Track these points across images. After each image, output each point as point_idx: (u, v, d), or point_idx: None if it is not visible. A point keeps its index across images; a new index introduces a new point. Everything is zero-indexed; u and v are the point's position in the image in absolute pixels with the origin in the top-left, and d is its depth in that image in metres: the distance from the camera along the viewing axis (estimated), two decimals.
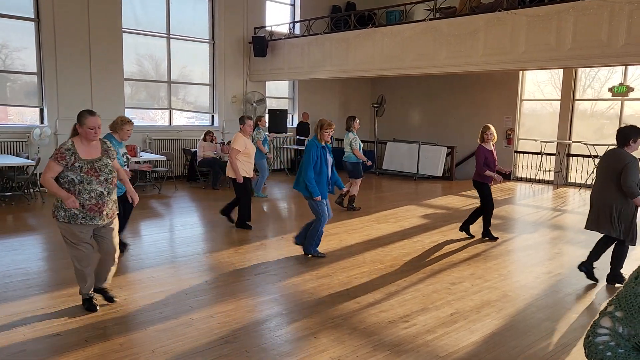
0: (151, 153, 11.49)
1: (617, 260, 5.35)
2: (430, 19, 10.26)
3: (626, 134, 5.06)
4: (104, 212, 4.16)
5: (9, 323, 4.04)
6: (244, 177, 7.25)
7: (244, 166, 7.31)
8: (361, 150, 9.32)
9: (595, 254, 5.44)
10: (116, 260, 4.47)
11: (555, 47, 8.51)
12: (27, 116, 11.19)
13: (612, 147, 5.35)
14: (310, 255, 6.12)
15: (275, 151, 14.47)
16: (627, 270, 5.46)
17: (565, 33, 8.35)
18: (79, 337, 3.83)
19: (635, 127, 5.14)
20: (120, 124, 5.62)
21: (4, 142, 10.23)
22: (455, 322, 4.30)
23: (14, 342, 3.74)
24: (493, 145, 7.20)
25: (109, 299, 4.53)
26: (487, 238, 7.21)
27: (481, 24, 9.35)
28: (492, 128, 7.16)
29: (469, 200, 10.45)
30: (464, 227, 7.32)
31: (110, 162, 4.22)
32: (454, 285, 5.26)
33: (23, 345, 3.69)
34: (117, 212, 4.41)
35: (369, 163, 9.24)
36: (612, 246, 5.39)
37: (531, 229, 8.05)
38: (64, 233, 4.18)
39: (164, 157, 10.98)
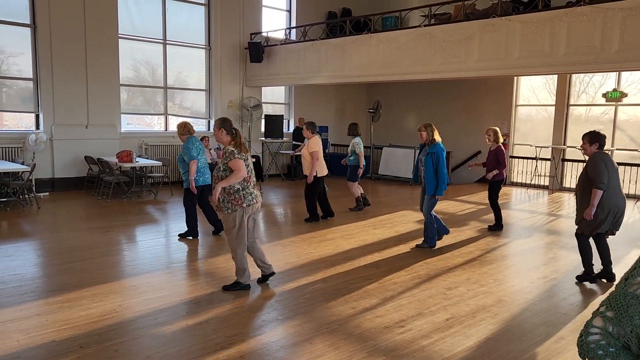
0: (147, 158, 11.48)
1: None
2: (425, 25, 10.32)
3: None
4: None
5: (3, 330, 4.02)
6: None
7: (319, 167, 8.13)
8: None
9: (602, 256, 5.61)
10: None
11: (549, 53, 8.57)
12: (22, 122, 11.17)
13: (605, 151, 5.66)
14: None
15: (271, 156, 14.48)
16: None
17: (559, 39, 8.42)
18: (74, 344, 3.82)
19: (593, 133, 5.46)
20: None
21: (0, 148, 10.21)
22: (450, 327, 4.31)
23: (8, 349, 3.72)
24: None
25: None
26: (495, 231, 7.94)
27: (476, 30, 9.42)
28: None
29: (465, 205, 10.48)
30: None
31: None
32: (449, 290, 5.27)
33: (17, 352, 3.68)
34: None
35: (360, 172, 9.40)
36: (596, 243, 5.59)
37: (526, 234, 8.08)
38: (239, 219, 4.91)
39: (160, 163, 10.97)
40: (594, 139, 5.40)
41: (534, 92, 13.94)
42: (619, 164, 6.49)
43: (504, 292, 5.25)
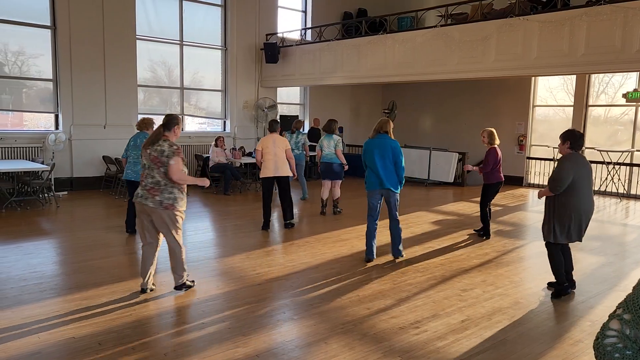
0: None
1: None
2: (441, 25, 10.27)
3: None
4: None
5: (25, 326, 4.10)
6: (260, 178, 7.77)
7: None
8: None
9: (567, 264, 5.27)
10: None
11: (568, 53, 8.47)
12: (42, 122, 11.36)
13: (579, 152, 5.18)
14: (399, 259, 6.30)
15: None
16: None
17: (578, 39, 8.31)
18: (93, 340, 3.88)
19: (567, 131, 5.08)
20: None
21: (19, 147, 10.39)
22: (466, 329, 4.28)
23: (29, 344, 3.80)
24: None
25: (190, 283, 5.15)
26: (484, 238, 7.55)
27: (493, 30, 9.34)
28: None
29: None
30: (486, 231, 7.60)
31: None
32: (465, 291, 5.23)
33: (38, 348, 3.75)
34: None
35: (347, 167, 9.22)
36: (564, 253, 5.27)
37: None
38: (179, 220, 4.85)
39: None
40: (566, 137, 4.99)
41: (551, 92, 13.78)
42: None
43: (521, 294, 5.20)
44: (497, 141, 7.39)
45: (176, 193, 4.83)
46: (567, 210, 4.88)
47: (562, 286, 5.13)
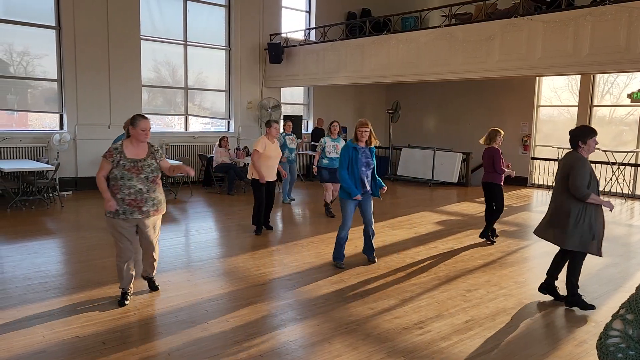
0: (167, 158, 11.60)
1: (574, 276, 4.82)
2: (445, 25, 10.25)
3: (573, 136, 4.76)
4: (143, 208, 4.49)
5: (29, 325, 4.11)
6: (254, 179, 7.40)
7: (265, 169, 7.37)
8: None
9: (556, 269, 5.04)
10: (153, 259, 4.85)
11: (572, 53, 8.44)
12: (47, 122, 11.40)
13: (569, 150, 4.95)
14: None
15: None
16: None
17: (583, 39, 8.28)
18: (97, 340, 3.89)
19: (583, 127, 4.87)
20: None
21: (24, 147, 10.43)
22: (470, 330, 4.28)
23: (34, 343, 3.81)
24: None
25: (153, 288, 4.98)
26: (484, 239, 7.34)
27: (497, 30, 9.32)
28: (502, 132, 7.33)
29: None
30: (486, 234, 7.41)
31: (154, 162, 4.58)
32: (469, 292, 5.22)
33: (43, 347, 3.76)
34: (163, 211, 4.76)
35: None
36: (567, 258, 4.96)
37: None
38: (110, 227, 4.56)
39: (180, 163, 11.07)
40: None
41: (556, 92, 13.74)
42: None
43: (525, 295, 5.19)
44: (496, 141, 7.19)
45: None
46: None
47: (578, 295, 4.82)
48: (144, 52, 11.94)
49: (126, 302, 4.61)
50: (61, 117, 11.17)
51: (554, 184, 4.96)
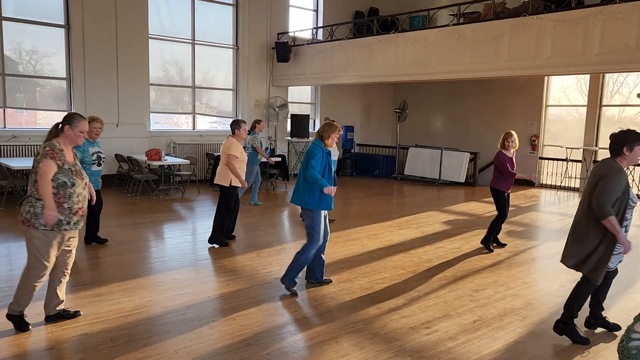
0: (175, 157, 11.66)
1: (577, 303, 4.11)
2: (454, 24, 10.21)
3: (617, 140, 3.95)
4: (84, 217, 4.05)
5: (38, 322, 4.13)
6: (234, 187, 6.70)
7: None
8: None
9: (597, 300, 4.28)
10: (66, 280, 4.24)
11: (582, 52, 8.38)
12: (55, 120, 11.42)
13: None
14: (285, 287, 5.01)
15: (297, 156, 14.52)
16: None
17: (593, 38, 8.23)
18: (105, 337, 3.91)
19: (631, 131, 3.97)
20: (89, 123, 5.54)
21: (33, 145, 10.49)
22: (477, 330, 4.26)
23: (42, 340, 3.84)
24: (513, 152, 6.91)
25: (75, 314, 4.25)
26: (482, 245, 6.94)
27: (506, 29, 9.27)
28: (514, 135, 6.82)
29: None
30: (487, 240, 6.98)
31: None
32: (476, 292, 5.20)
33: (52, 344, 3.78)
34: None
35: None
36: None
37: (556, 237, 7.92)
38: (39, 243, 3.81)
39: (187, 161, 11.13)
40: None
41: (564, 92, 13.65)
42: None
43: (533, 295, 5.16)
44: (509, 146, 6.77)
45: (38, 207, 3.77)
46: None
47: (572, 324, 4.13)
48: (151, 51, 11.98)
49: (29, 328, 3.97)
50: None
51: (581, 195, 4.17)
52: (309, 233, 4.96)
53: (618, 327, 4.34)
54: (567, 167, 12.92)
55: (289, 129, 14.44)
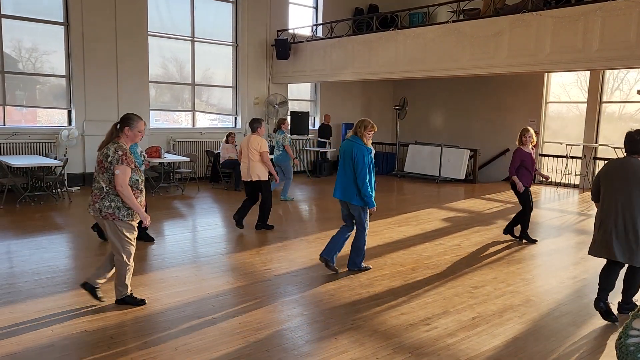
0: (175, 154, 11.66)
1: (634, 286, 4.55)
2: (453, 21, 10.19)
3: (637, 142, 4.26)
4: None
5: (38, 319, 4.15)
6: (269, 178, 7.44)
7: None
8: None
9: (609, 284, 4.53)
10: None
11: (581, 48, 8.37)
12: (55, 118, 11.46)
13: (621, 158, 4.52)
14: (356, 270, 5.61)
15: (297, 153, 14.52)
16: None
17: (593, 34, 8.21)
18: (105, 334, 3.92)
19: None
20: None
21: (33, 143, 10.50)
22: (477, 326, 4.27)
23: (43, 337, 3.84)
24: (533, 148, 7.12)
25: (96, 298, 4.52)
26: (524, 241, 7.22)
27: (505, 25, 9.26)
28: (531, 130, 7.03)
29: (492, 204, 10.33)
30: (508, 230, 7.37)
31: None
32: (476, 288, 5.21)
33: (52, 341, 3.79)
34: None
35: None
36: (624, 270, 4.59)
37: (556, 234, 7.93)
38: (125, 231, 4.28)
39: (187, 159, 11.13)
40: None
41: (564, 88, 13.64)
42: None
43: (532, 292, 5.17)
44: (526, 141, 6.91)
45: (118, 201, 4.20)
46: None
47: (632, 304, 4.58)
48: (151, 48, 11.97)
49: (145, 301, 4.52)
50: (69, 113, 11.23)
51: (613, 193, 4.33)
52: (358, 223, 5.49)
53: (619, 305, 4.64)
54: (567, 164, 12.92)
55: (288, 126, 14.40)
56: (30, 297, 4.63)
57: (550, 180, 7.03)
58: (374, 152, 5.48)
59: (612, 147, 11.86)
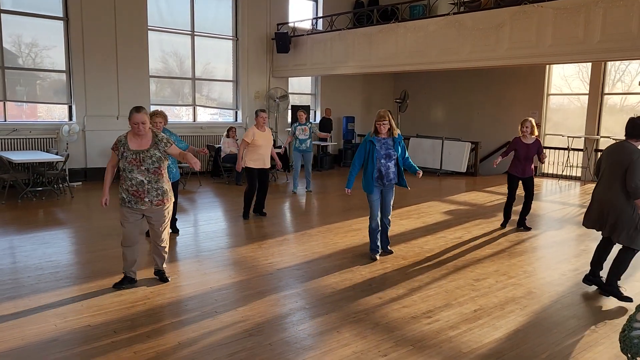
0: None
1: (617, 268, 4.74)
2: (454, 13, 10.15)
3: (638, 125, 4.52)
4: (146, 199, 4.58)
5: (41, 314, 4.17)
6: (250, 168, 7.70)
7: (251, 156, 7.69)
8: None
9: (598, 261, 4.98)
10: (161, 248, 4.92)
11: (583, 40, 8.33)
12: (56, 113, 11.46)
13: (619, 140, 4.80)
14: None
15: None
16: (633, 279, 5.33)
17: (594, 26, 8.17)
18: (108, 328, 3.93)
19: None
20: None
21: (34, 138, 10.50)
22: (478, 319, 4.28)
23: (46, 332, 3.86)
24: (534, 138, 7.21)
25: (164, 280, 5.00)
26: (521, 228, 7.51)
27: (506, 17, 9.22)
28: (528, 121, 7.15)
29: (493, 197, 10.33)
30: (521, 222, 7.55)
31: (157, 153, 4.59)
32: (477, 281, 5.22)
33: (55, 335, 3.81)
34: (168, 201, 4.75)
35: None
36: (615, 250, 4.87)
37: (557, 226, 7.93)
38: (119, 214, 4.71)
39: (188, 152, 11.10)
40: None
41: (566, 80, 13.60)
42: None
43: (534, 284, 5.18)
44: (521, 132, 7.17)
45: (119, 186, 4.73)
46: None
47: (615, 286, 4.78)
48: (151, 42, 11.94)
49: (122, 287, 4.74)
50: (70, 108, 11.22)
51: (601, 173, 4.76)
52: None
53: (629, 299, 4.73)
54: (568, 156, 12.90)
55: (289, 120, 14.42)
56: (34, 292, 4.65)
57: (546, 158, 7.40)
58: (396, 140, 5.78)
59: (613, 139, 11.82)
